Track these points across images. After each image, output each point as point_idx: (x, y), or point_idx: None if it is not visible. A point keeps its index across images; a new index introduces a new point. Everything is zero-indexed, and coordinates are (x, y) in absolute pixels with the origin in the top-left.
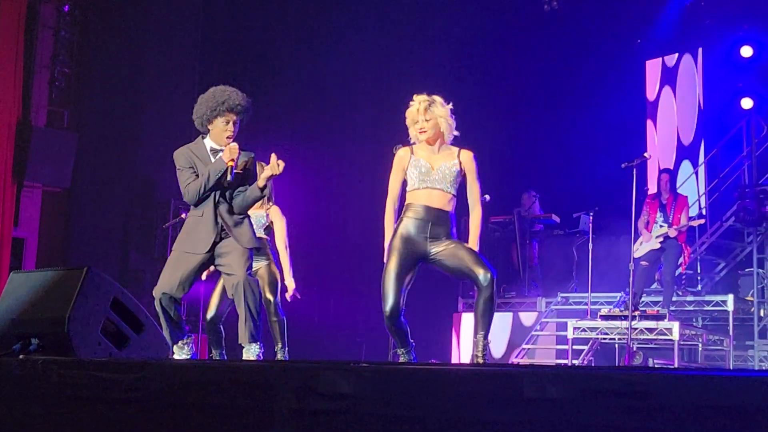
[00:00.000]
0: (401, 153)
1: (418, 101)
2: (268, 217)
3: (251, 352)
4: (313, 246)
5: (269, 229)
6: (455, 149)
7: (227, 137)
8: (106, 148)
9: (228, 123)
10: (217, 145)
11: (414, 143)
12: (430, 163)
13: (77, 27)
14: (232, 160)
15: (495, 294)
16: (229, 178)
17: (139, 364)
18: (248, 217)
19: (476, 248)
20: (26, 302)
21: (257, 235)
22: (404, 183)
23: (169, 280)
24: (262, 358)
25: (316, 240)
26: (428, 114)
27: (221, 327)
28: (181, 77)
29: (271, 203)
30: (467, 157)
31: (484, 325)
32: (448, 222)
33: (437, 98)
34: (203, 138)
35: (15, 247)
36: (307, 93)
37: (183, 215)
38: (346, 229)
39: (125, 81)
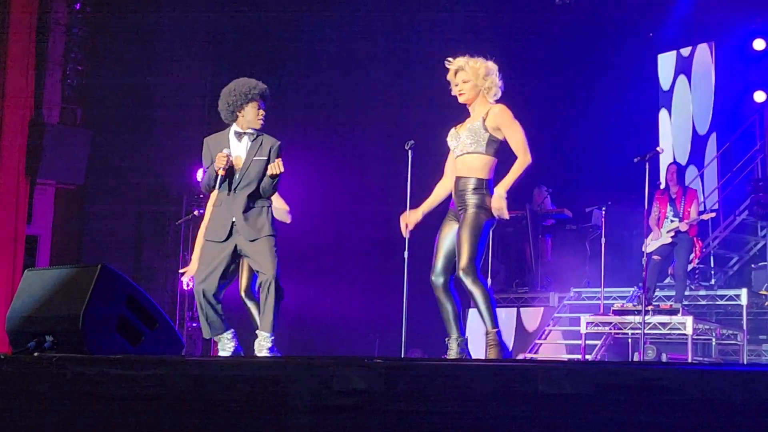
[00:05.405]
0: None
1: (450, 66)
2: None
3: (267, 341)
4: (328, 242)
5: None
6: (488, 107)
7: (259, 120)
8: (118, 145)
9: (258, 108)
10: (242, 129)
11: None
12: (457, 131)
13: (89, 24)
14: (222, 168)
15: None
16: (217, 185)
17: (155, 361)
18: (268, 206)
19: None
20: (41, 300)
21: None
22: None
23: (201, 274)
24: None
25: (331, 236)
26: (459, 77)
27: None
28: (194, 73)
29: None
30: (494, 111)
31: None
32: (468, 189)
33: (470, 61)
34: (229, 126)
35: (29, 245)
36: (321, 85)
37: (195, 212)
38: (361, 225)
39: (137, 77)
